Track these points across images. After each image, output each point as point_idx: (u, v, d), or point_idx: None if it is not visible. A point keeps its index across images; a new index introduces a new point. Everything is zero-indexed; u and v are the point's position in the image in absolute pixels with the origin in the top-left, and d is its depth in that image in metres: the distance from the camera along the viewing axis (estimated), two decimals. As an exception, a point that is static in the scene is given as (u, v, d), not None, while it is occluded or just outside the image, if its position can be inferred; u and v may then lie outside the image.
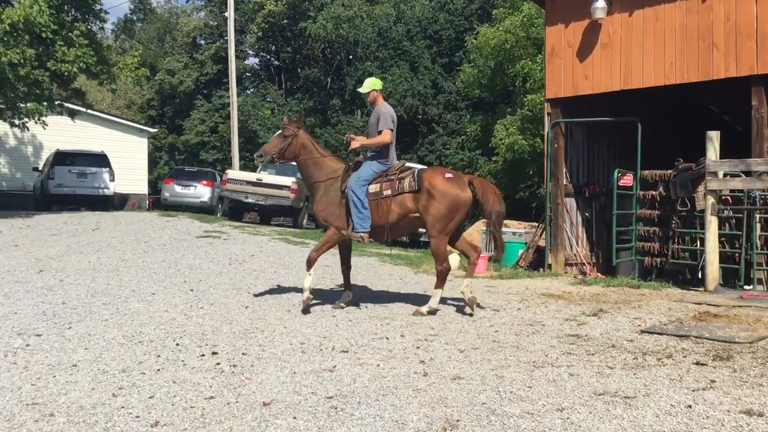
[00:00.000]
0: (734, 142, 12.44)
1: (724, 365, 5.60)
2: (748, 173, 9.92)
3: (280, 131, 8.29)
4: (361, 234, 7.86)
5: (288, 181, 19.70)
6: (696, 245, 10.86)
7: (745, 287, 10.03)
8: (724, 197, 10.40)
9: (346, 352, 6.08)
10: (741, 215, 10.30)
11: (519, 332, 7.05)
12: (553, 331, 7.03)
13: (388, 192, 7.91)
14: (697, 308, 8.33)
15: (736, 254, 10.37)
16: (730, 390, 4.86)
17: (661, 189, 11.42)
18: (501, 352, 6.22)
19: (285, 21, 43.83)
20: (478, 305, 8.17)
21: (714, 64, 10.92)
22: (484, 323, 7.55)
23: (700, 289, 9.95)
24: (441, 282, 8.01)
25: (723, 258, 10.32)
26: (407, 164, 8.59)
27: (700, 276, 10.34)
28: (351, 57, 40.73)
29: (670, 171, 11.23)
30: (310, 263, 7.91)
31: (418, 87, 34.64)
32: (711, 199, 9.90)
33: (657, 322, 7.53)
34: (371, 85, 8.37)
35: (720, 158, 10.02)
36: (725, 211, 10.40)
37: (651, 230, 11.65)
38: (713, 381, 5.11)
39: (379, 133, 8.18)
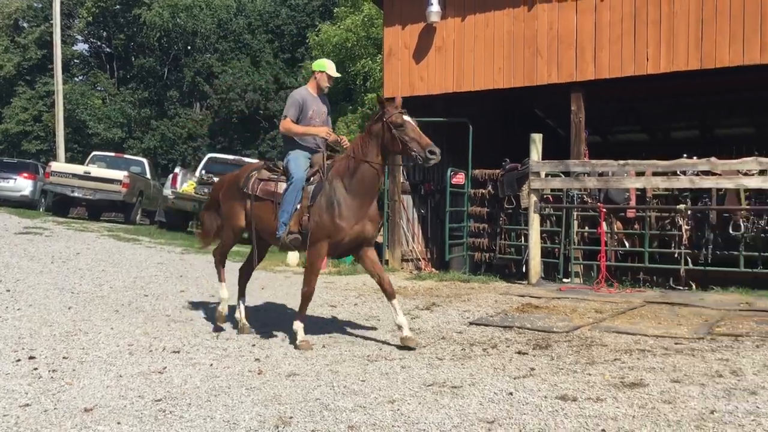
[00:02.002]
0: (556, 145, 13.34)
1: (543, 354, 5.98)
2: (567, 174, 10.64)
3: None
4: None
5: (119, 174, 18.79)
6: (521, 241, 11.52)
7: (564, 280, 10.77)
8: (545, 196, 11.09)
9: (178, 352, 5.90)
10: (560, 213, 11.04)
11: (354, 327, 7.16)
12: (388, 325, 7.19)
13: None
14: (520, 300, 8.84)
15: (556, 249, 11.11)
16: (547, 377, 5.20)
17: (490, 187, 12.00)
18: (337, 347, 6.29)
19: (118, 6, 41.72)
20: None
21: (538, 71, 11.63)
22: (320, 319, 7.59)
23: (524, 282, 10.58)
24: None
25: (545, 253, 11.02)
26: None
27: (524, 270, 10.98)
28: (189, 47, 39.51)
29: (498, 170, 11.82)
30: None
31: (260, 81, 34.23)
32: (534, 198, 10.55)
33: (484, 314, 7.91)
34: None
35: (542, 159, 10.70)
36: (546, 209, 11.11)
37: (481, 227, 12.22)
38: (533, 369, 5.44)
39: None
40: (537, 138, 10.69)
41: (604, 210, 10.42)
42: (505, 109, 15.84)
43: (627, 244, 10.86)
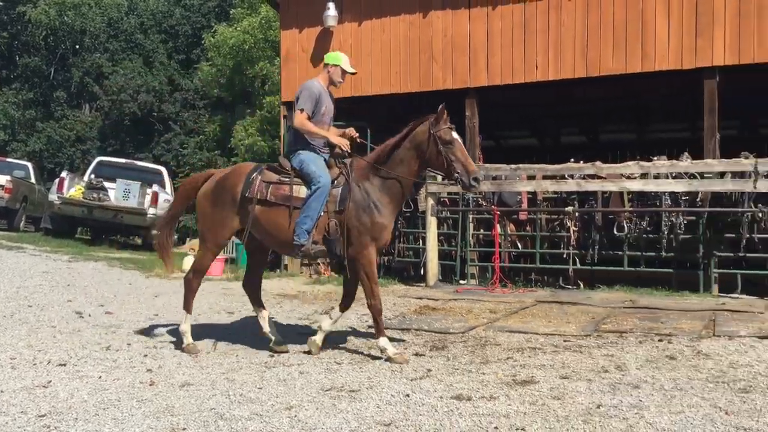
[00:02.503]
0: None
1: (440, 355, 6.08)
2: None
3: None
4: None
5: (1, 179, 17.77)
6: (419, 244, 11.68)
7: (461, 282, 11.01)
8: (442, 199, 11.30)
9: (64, 365, 5.63)
10: (457, 216, 11.27)
11: (253, 333, 7.04)
12: (286, 331, 7.12)
13: None
14: (418, 302, 8.96)
15: (453, 251, 11.33)
16: (443, 377, 5.29)
17: (388, 191, 12.10)
18: (233, 354, 6.17)
19: (0, 3, 39.52)
20: None
21: (434, 76, 11.84)
22: (215, 328, 7.43)
23: (422, 284, 10.73)
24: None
25: (442, 255, 11.23)
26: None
27: (422, 272, 11.14)
28: (77, 47, 37.87)
29: (396, 174, 11.93)
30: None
31: (153, 83, 33.23)
32: (431, 201, 10.73)
33: (383, 317, 7.95)
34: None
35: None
36: (443, 212, 11.32)
37: (380, 230, 12.29)
38: (429, 370, 5.52)
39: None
40: (433, 142, 10.85)
41: (498, 213, 10.72)
42: (405, 113, 16.01)
43: (520, 246, 11.20)
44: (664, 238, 9.90)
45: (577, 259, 10.47)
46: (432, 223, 10.75)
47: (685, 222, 9.85)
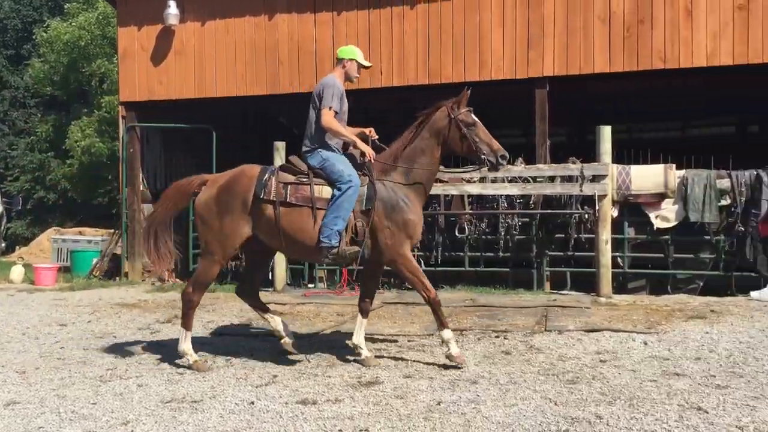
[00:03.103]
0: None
1: (287, 359, 6.04)
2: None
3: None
4: None
5: None
6: (267, 248, 11.53)
7: (309, 285, 11.00)
8: (290, 203, 11.22)
9: None
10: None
11: (87, 347, 6.68)
12: (126, 342, 6.81)
13: None
14: (266, 308, 8.84)
15: (302, 255, 11.29)
16: (289, 383, 5.26)
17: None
18: (65, 369, 5.82)
19: None
20: None
21: (280, 80, 11.77)
22: (48, 340, 6.98)
23: (271, 289, 10.62)
24: None
25: (292, 259, 11.15)
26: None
27: (270, 277, 11.03)
28: None
29: (243, 178, 11.74)
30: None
31: (-23, 79, 30.70)
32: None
33: (229, 323, 7.81)
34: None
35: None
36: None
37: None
38: (275, 376, 5.47)
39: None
40: (280, 146, 10.81)
41: (345, 216, 10.80)
42: (253, 116, 15.80)
43: (367, 249, 11.35)
44: (501, 238, 10.41)
45: (422, 261, 10.76)
46: (279, 227, 10.67)
47: (520, 223, 10.41)
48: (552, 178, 9.98)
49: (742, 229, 9.41)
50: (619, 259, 10.03)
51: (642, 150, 10.92)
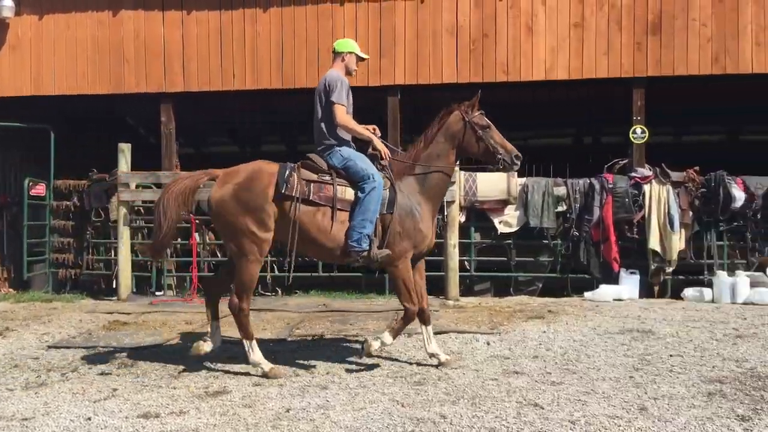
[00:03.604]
0: (150, 155, 13.05)
1: (128, 372, 5.78)
2: (159, 185, 10.47)
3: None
4: None
5: None
6: (111, 255, 11.01)
7: (157, 293, 10.59)
8: (136, 208, 10.78)
9: None
10: (152, 225, 10.80)
11: None
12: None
13: None
14: (108, 318, 8.44)
15: (149, 262, 10.85)
16: (131, 396, 5.03)
17: (75, 199, 11.24)
18: None
19: None
20: None
21: (125, 79, 11.25)
22: None
23: (115, 298, 10.14)
24: None
25: (137, 266, 10.71)
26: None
27: (114, 285, 10.52)
28: None
29: (85, 181, 11.14)
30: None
31: None
32: (123, 210, 10.19)
33: (66, 336, 7.37)
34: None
35: (133, 170, 10.39)
36: (138, 221, 10.80)
37: (65, 241, 11.36)
38: (115, 389, 5.21)
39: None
40: (125, 148, 10.36)
41: (196, 221, 10.51)
42: (96, 115, 14.99)
43: (219, 255, 11.08)
44: (355, 243, 10.49)
45: (276, 266, 10.65)
46: (125, 233, 10.21)
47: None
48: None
49: (577, 233, 10.03)
50: (466, 262, 10.40)
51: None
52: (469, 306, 9.09)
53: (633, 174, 10.12)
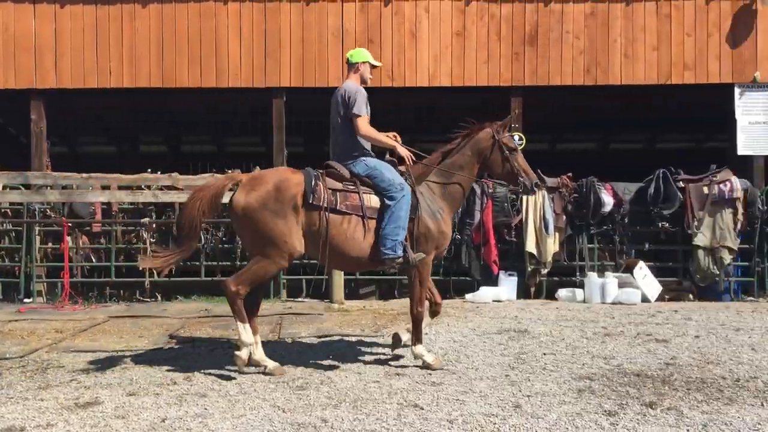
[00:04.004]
0: (20, 154, 12.34)
1: (-9, 384, 5.43)
2: (27, 186, 9.92)
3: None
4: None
5: None
6: (-26, 260, 10.33)
7: (25, 300, 10.02)
8: (3, 210, 10.17)
9: None
10: (21, 228, 10.24)
11: None
12: None
13: None
14: (-30, 327, 7.90)
15: (17, 267, 10.27)
16: (-7, 410, 4.73)
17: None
18: None
19: None
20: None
21: None
22: None
23: (-23, 306, 9.52)
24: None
25: (4, 272, 10.12)
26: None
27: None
28: None
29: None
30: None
31: None
32: (-12, 212, 9.58)
33: None
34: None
35: (2, 170, 9.77)
36: (5, 225, 10.19)
37: None
38: (-23, 404, 4.88)
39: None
40: (-10, 146, 9.74)
41: (69, 224, 10.03)
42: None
43: (93, 259, 10.62)
44: (239, 247, 10.32)
45: (155, 271, 10.31)
46: (-11, 236, 9.60)
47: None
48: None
49: (459, 237, 10.28)
50: (351, 266, 10.44)
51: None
52: (353, 309, 9.13)
53: (511, 179, 10.48)
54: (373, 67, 6.22)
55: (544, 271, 10.31)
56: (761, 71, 10.57)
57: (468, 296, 9.94)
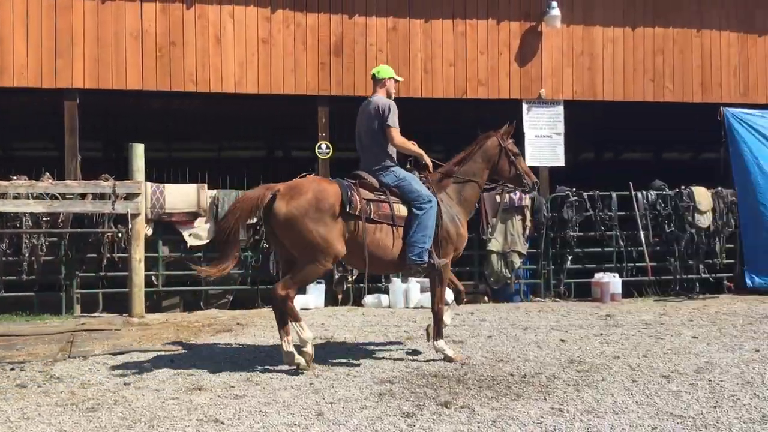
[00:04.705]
0: None
1: None
2: None
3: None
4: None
5: None
6: None
7: None
8: None
9: None
10: None
11: None
12: None
13: None
14: None
15: None
16: None
17: None
18: None
19: None
20: None
21: None
22: None
23: None
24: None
25: None
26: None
27: None
28: None
29: None
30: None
31: None
32: None
33: None
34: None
35: None
36: None
37: None
38: None
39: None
40: None
41: None
42: None
43: None
44: (26, 260, 9.52)
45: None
46: None
47: (47, 243, 9.66)
48: (83, 195, 9.46)
49: (267, 245, 10.18)
50: (153, 277, 10.00)
51: (181, 169, 11.09)
52: (155, 323, 8.74)
53: (319, 188, 10.56)
54: (396, 81, 6.72)
55: (351, 278, 10.48)
56: (546, 89, 11.47)
57: (274, 305, 9.86)
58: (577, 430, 4.36)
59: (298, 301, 9.75)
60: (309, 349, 5.95)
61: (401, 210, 6.25)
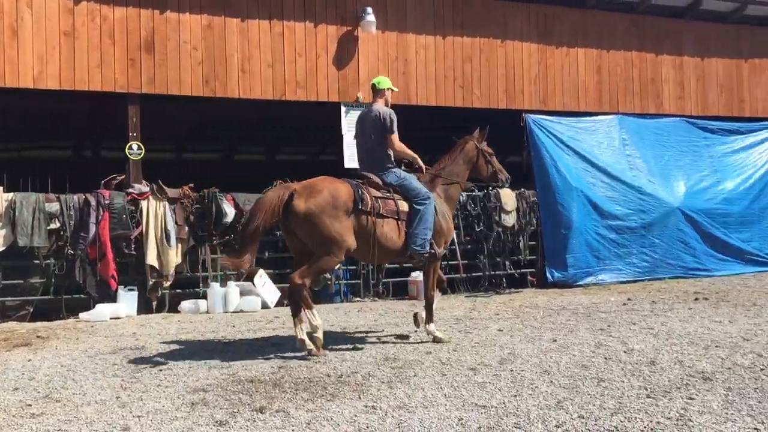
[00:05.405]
0: None
1: None
2: None
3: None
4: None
5: None
6: None
7: None
8: None
9: None
10: None
11: None
12: None
13: None
14: None
15: None
16: None
17: None
18: None
19: None
20: None
21: None
22: None
23: None
24: None
25: None
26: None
27: None
28: None
29: None
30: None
31: None
32: None
33: None
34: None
35: None
36: None
37: None
38: None
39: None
40: None
41: None
42: None
43: None
44: None
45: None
46: None
47: None
48: None
49: (72, 252, 9.55)
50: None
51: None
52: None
53: (130, 190, 10.08)
54: (393, 91, 7.43)
55: (167, 284, 10.08)
56: (362, 92, 11.68)
57: (83, 315, 9.29)
58: (389, 425, 4.46)
59: (108, 310, 9.30)
60: (320, 334, 6.59)
61: (404, 206, 6.96)
